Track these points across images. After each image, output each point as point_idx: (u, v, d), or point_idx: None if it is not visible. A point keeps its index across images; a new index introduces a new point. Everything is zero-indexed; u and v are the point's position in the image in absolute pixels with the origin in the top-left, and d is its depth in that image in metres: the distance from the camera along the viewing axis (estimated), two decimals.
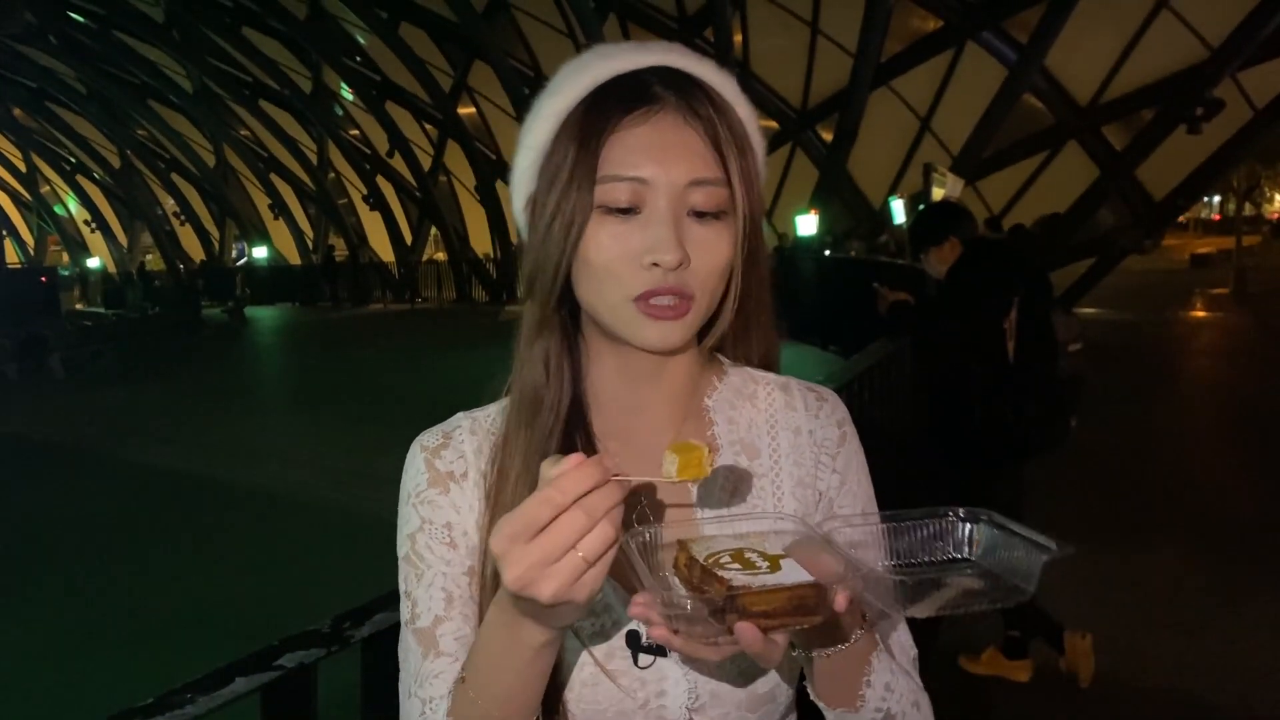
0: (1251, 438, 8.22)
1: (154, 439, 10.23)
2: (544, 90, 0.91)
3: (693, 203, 0.84)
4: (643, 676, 0.89)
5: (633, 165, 0.83)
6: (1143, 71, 13.89)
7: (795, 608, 0.70)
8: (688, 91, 0.86)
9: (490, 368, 0.99)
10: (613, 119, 0.84)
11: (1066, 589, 4.20)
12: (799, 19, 16.30)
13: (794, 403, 0.99)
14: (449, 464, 0.94)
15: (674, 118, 0.85)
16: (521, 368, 0.93)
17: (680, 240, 0.83)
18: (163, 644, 4.94)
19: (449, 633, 0.89)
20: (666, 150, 0.84)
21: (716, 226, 0.85)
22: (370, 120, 25.30)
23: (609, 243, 0.84)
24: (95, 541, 6.91)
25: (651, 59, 0.88)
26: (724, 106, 0.88)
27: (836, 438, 0.98)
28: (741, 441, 0.96)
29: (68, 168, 39.58)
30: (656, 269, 0.83)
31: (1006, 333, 3.72)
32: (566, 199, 0.84)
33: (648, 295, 0.83)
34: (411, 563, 0.92)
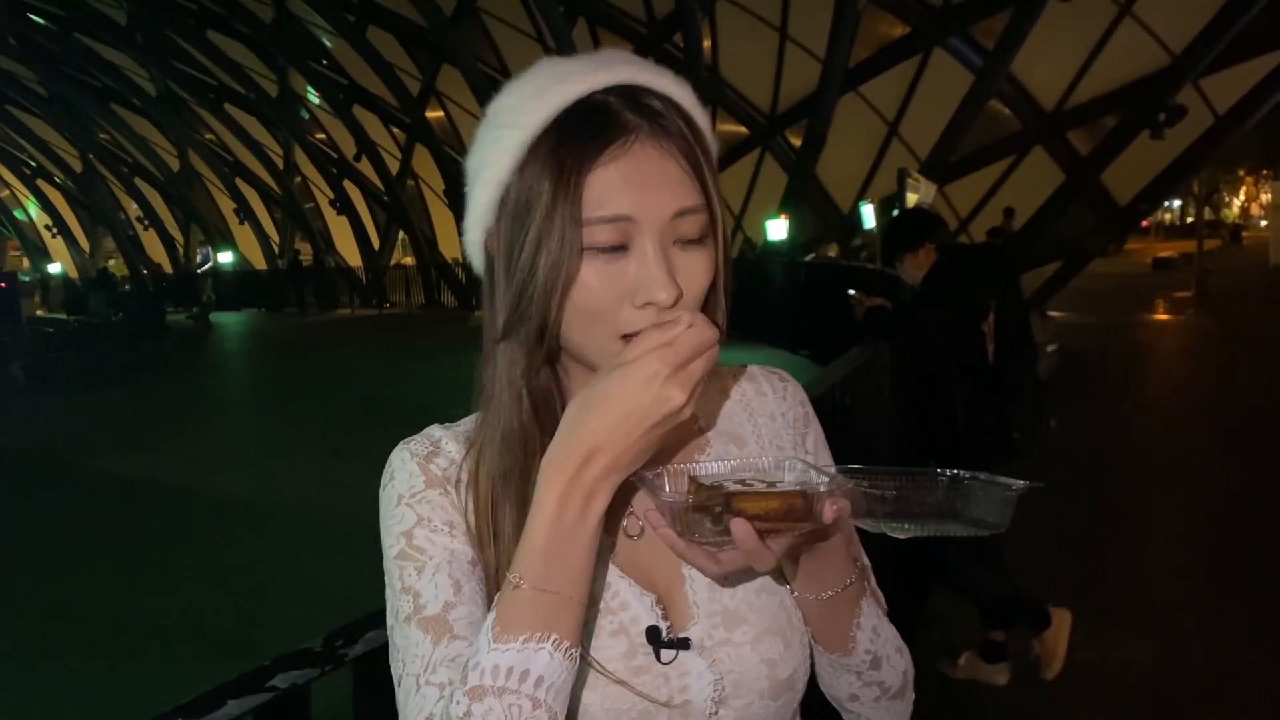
0: (1221, 438, 8.33)
1: (118, 447, 10.09)
2: (492, 116, 0.87)
3: (679, 233, 0.83)
4: (665, 672, 0.87)
5: (616, 204, 0.80)
6: (1107, 78, 14.05)
7: (786, 512, 0.77)
8: (656, 114, 0.84)
9: (460, 373, 0.97)
10: (588, 155, 0.81)
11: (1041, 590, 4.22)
12: (768, 24, 16.35)
13: (763, 389, 1.03)
14: (443, 470, 0.91)
15: (650, 147, 0.82)
16: (503, 410, 0.89)
17: (672, 275, 0.81)
18: (137, 656, 4.86)
19: (462, 617, 0.85)
20: (649, 183, 0.81)
21: (700, 252, 0.84)
22: (337, 124, 25.12)
23: (597, 284, 0.81)
24: (60, 552, 6.79)
25: (609, 77, 0.85)
26: (691, 122, 0.86)
27: (802, 416, 1.03)
28: (728, 432, 1.00)
29: (28, 172, 39.02)
30: (650, 308, 0.81)
31: (986, 336, 3.74)
32: (549, 241, 0.81)
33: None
34: (409, 557, 0.87)
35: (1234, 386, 10.64)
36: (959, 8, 14.38)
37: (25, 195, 42.30)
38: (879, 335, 4.53)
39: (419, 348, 17.94)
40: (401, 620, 0.86)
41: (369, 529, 0.94)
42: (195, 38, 24.19)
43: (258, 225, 30.98)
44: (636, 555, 0.91)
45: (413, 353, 16.97)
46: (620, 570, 0.90)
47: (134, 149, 31.21)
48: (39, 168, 37.87)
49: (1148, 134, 13.24)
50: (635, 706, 0.87)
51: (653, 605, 0.88)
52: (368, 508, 0.95)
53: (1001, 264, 4.12)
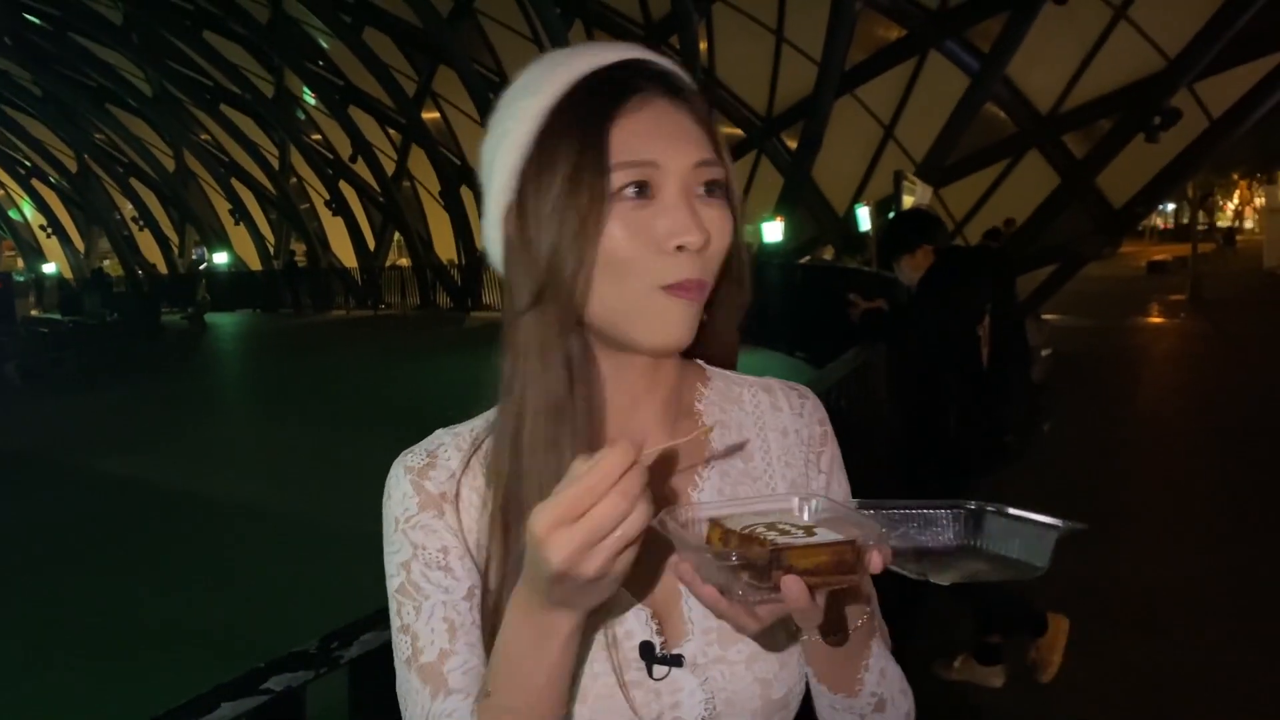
0: (1216, 441, 8.35)
1: (113, 448, 10.07)
2: (512, 92, 0.88)
3: (701, 183, 0.84)
4: (658, 688, 0.86)
5: (641, 150, 0.82)
6: (1102, 81, 14.08)
7: (836, 564, 0.72)
8: (668, 79, 0.87)
9: (455, 374, 0.96)
10: (611, 108, 0.83)
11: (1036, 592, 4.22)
12: (764, 27, 16.37)
13: (779, 403, 0.99)
14: (439, 485, 0.89)
15: (665, 103, 0.85)
16: (527, 383, 0.85)
17: (700, 220, 0.82)
18: (131, 657, 4.85)
19: (456, 667, 0.85)
20: (670, 133, 0.83)
21: (721, 206, 0.85)
22: (333, 125, 25.11)
23: (627, 233, 0.81)
24: (55, 553, 6.77)
25: (617, 54, 0.87)
26: (701, 97, 0.89)
27: (820, 436, 0.99)
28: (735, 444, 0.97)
29: (23, 172, 38.96)
30: (681, 255, 0.81)
31: (981, 339, 3.75)
32: (578, 195, 0.81)
33: (676, 287, 0.82)
34: (408, 594, 0.87)
35: (1228, 389, 10.66)
36: (955, 11, 14.40)
37: (20, 195, 42.22)
38: (876, 338, 4.54)
39: (414, 349, 17.94)
40: (403, 661, 0.87)
41: (364, 530, 0.94)
42: (191, 38, 24.17)
43: (253, 226, 30.94)
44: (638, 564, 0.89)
45: (408, 354, 16.96)
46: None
47: (129, 149, 31.17)
48: (34, 168, 37.81)
49: (1143, 137, 13.27)
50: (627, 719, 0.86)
51: (648, 620, 0.87)
52: (362, 508, 0.95)
53: (998, 267, 4.12)
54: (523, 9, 18.00)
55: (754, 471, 0.95)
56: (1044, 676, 3.83)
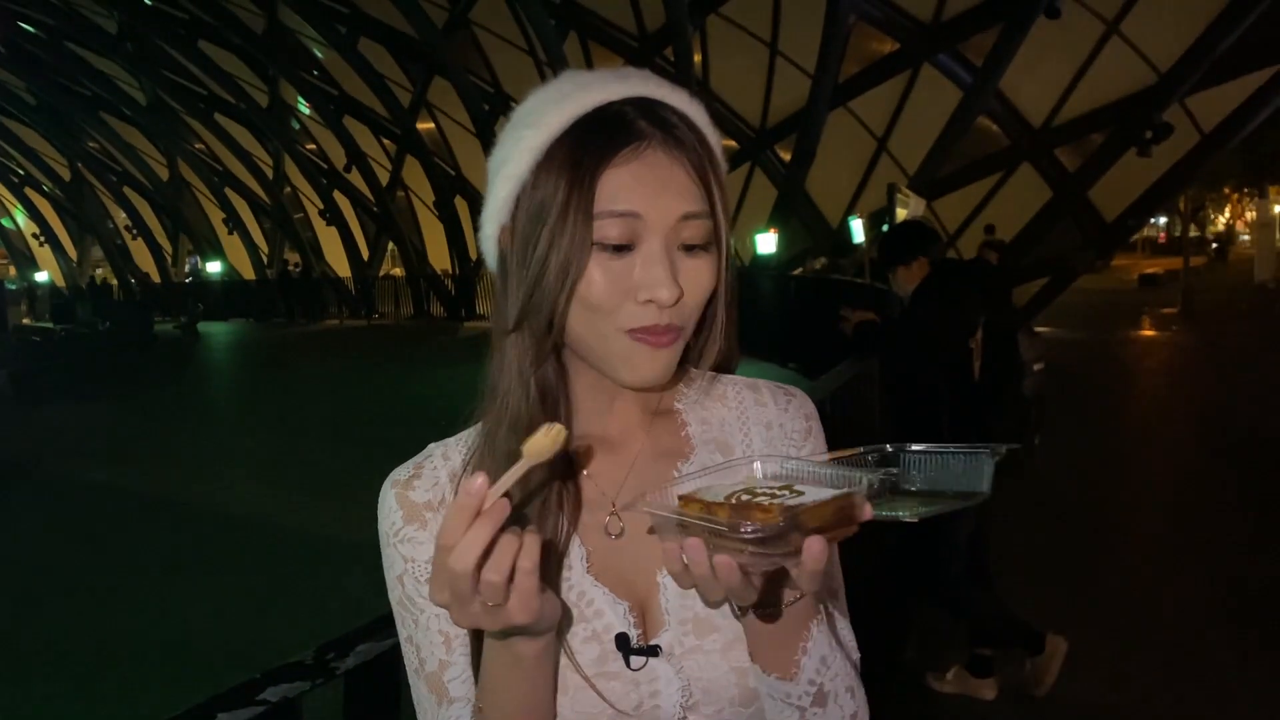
0: (1208, 454, 8.37)
1: (104, 457, 10.04)
2: (517, 118, 0.90)
3: (684, 237, 0.86)
4: (636, 678, 0.88)
5: (626, 201, 0.84)
6: (1094, 95, 14.15)
7: (842, 518, 0.72)
8: (670, 125, 0.87)
9: (448, 384, 0.98)
10: (604, 155, 0.84)
11: (1029, 606, 4.23)
12: (758, 39, 16.42)
13: (763, 399, 1.01)
14: (424, 494, 0.93)
15: (661, 153, 0.86)
16: (507, 397, 0.90)
17: (675, 276, 0.85)
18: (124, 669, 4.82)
19: (455, 677, 0.90)
20: (658, 185, 0.85)
21: (704, 258, 0.88)
22: (327, 135, 25.11)
23: (603, 280, 0.85)
24: (44, 561, 6.74)
25: (627, 89, 0.89)
26: (702, 137, 0.89)
27: (803, 430, 1.00)
28: (715, 440, 0.98)
29: (16, 180, 38.86)
30: (651, 305, 0.84)
31: (973, 352, 3.76)
32: (561, 236, 0.84)
33: (641, 331, 0.85)
34: (406, 607, 0.92)
35: (1220, 402, 10.69)
36: (948, 25, 14.47)
37: (13, 203, 42.10)
38: (869, 349, 4.55)
39: (407, 359, 17.93)
40: (412, 671, 0.93)
41: (356, 540, 0.96)
42: (186, 47, 24.17)
43: (247, 235, 30.89)
44: (614, 558, 0.92)
45: (401, 364, 16.95)
46: (595, 577, 0.91)
47: (123, 158, 31.12)
48: (27, 176, 37.72)
49: (1134, 151, 13.33)
50: (605, 712, 0.88)
51: (626, 613, 0.89)
52: (354, 519, 0.95)
53: (992, 280, 4.14)
54: (518, 21, 18.04)
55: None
56: (1037, 692, 3.84)
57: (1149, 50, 13.25)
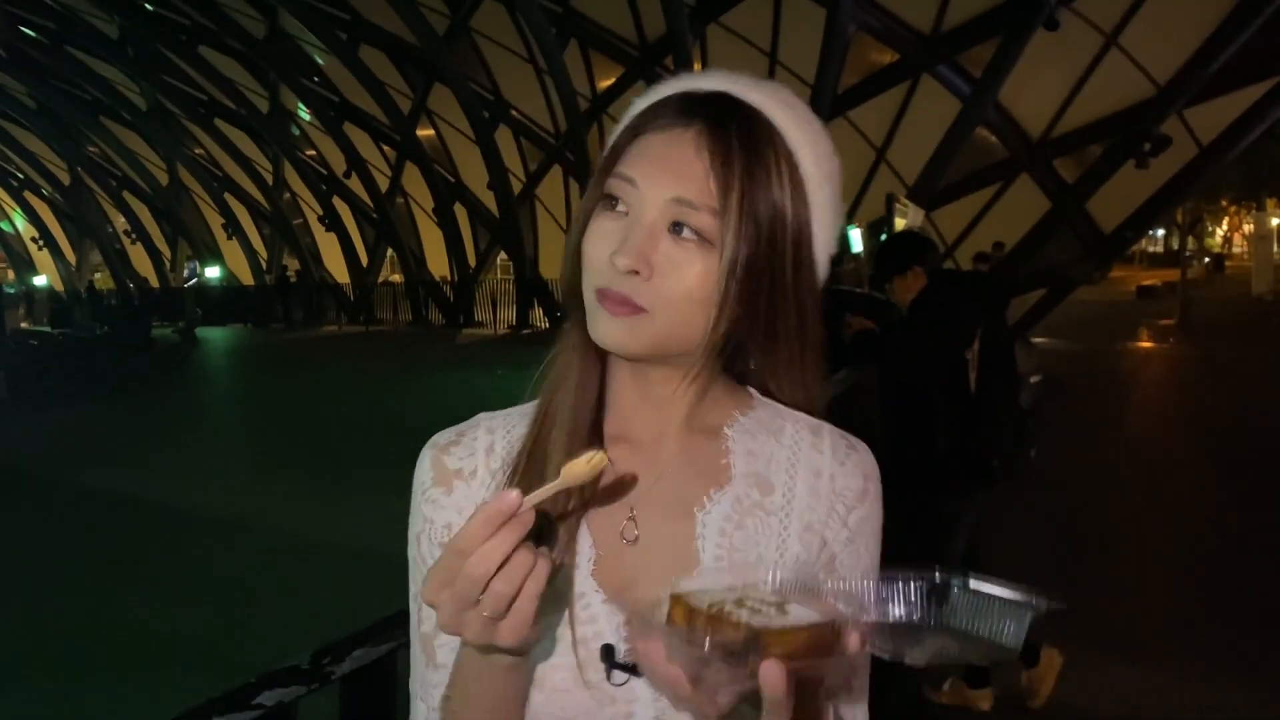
0: (1205, 465, 8.38)
1: (101, 461, 10.01)
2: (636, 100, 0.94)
3: (675, 217, 0.84)
4: (614, 693, 0.87)
5: (632, 165, 0.86)
6: (1093, 107, 14.20)
7: (815, 646, 0.68)
8: (723, 120, 0.85)
9: (446, 391, 0.98)
10: (644, 125, 0.88)
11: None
12: (758, 49, 16.47)
13: (821, 445, 0.95)
14: (458, 461, 0.94)
15: (691, 138, 0.85)
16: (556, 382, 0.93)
17: (643, 250, 0.83)
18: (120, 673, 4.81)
19: (445, 644, 0.90)
20: (665, 161, 0.85)
21: (691, 250, 0.83)
22: (327, 141, 25.15)
23: (594, 234, 0.87)
24: (40, 566, 6.73)
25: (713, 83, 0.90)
26: (760, 143, 0.85)
27: (858, 490, 0.94)
28: (757, 475, 0.93)
29: (15, 184, 38.90)
30: (614, 268, 0.83)
31: (969, 363, 3.76)
32: (590, 188, 0.89)
33: (602, 291, 0.85)
34: (417, 565, 0.93)
35: (1217, 414, 10.69)
36: (947, 36, 14.52)
37: (12, 207, 42.12)
38: (866, 358, 4.55)
39: (405, 365, 17.92)
40: (412, 628, 0.94)
41: (352, 546, 0.96)
42: (187, 52, 24.23)
43: (246, 241, 30.91)
44: (623, 564, 0.90)
45: (399, 370, 16.94)
46: (597, 582, 0.89)
47: (123, 162, 31.14)
48: (26, 180, 37.75)
49: (1133, 163, 13.38)
50: (579, 718, 0.87)
51: (619, 626, 0.87)
52: (351, 524, 0.96)
53: (989, 291, 4.15)
54: (518, 28, 18.10)
55: (769, 505, 0.92)
56: (1034, 703, 3.84)
57: (1147, 63, 13.31)
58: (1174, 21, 12.73)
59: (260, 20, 22.17)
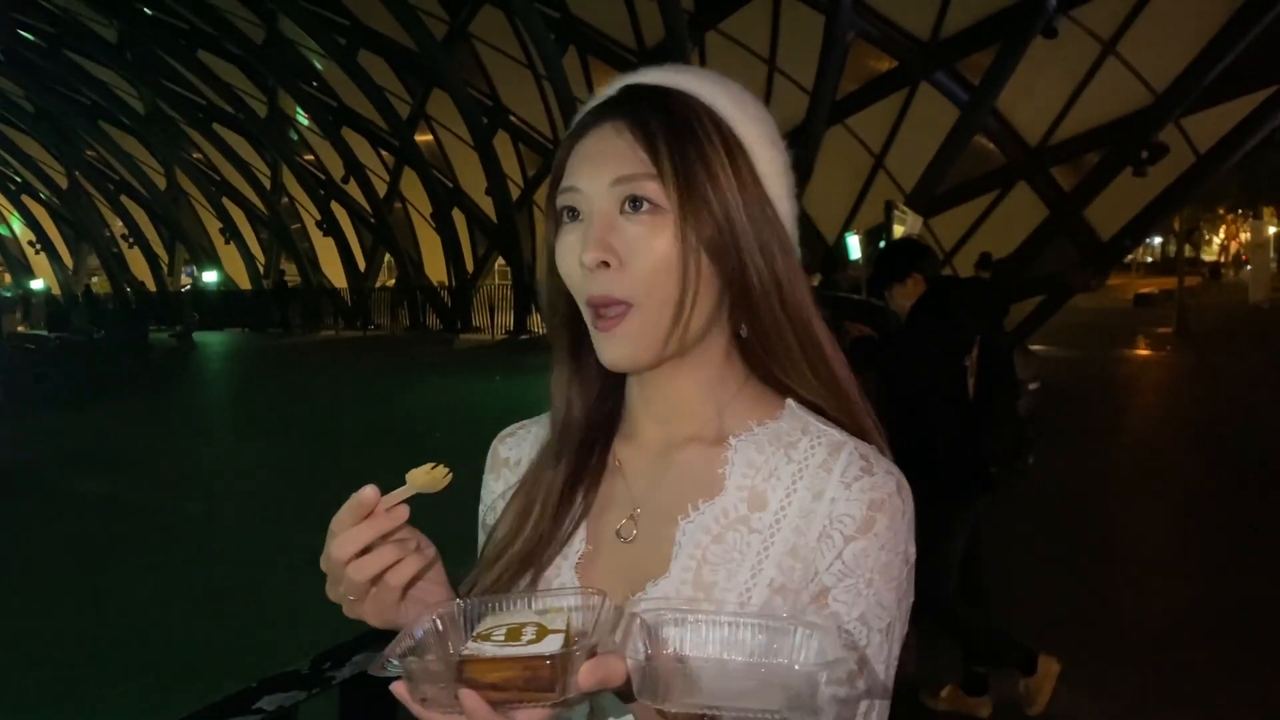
0: (1202, 473, 8.38)
1: (97, 466, 9.99)
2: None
3: (622, 196, 0.83)
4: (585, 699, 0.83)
5: (571, 175, 0.86)
6: (1090, 115, 14.25)
7: (527, 682, 0.66)
8: (637, 101, 0.87)
9: (443, 396, 0.99)
10: (570, 140, 0.89)
11: (1021, 623, 4.22)
12: (756, 56, 16.50)
13: (832, 464, 0.86)
14: (507, 451, 1.03)
15: (610, 125, 0.86)
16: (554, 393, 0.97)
17: (604, 239, 0.82)
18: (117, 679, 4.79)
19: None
20: (595, 155, 0.86)
21: (649, 221, 0.82)
22: (326, 146, 25.16)
23: (561, 252, 0.87)
24: (35, 571, 6.71)
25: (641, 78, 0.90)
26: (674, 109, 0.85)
27: (859, 520, 0.83)
28: (752, 489, 0.88)
29: (13, 187, 38.91)
30: (595, 272, 0.83)
31: (968, 370, 3.76)
32: (546, 222, 0.91)
33: (591, 303, 0.84)
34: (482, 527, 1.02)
35: (1215, 422, 10.70)
36: (946, 43, 14.56)
37: (9, 211, 42.14)
38: (865, 365, 4.55)
39: (403, 370, 17.90)
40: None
41: None
42: (185, 57, 24.23)
43: (243, 245, 30.92)
44: (610, 563, 0.90)
45: (396, 375, 16.92)
46: (578, 576, 0.90)
47: (121, 166, 31.15)
48: (24, 183, 37.75)
49: (1130, 171, 13.41)
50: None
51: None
52: None
53: (988, 298, 4.15)
54: (517, 34, 18.13)
55: (755, 522, 0.86)
56: (1032, 710, 3.83)
57: (1145, 71, 13.34)
58: (1171, 30, 12.77)
59: (259, 25, 22.19)
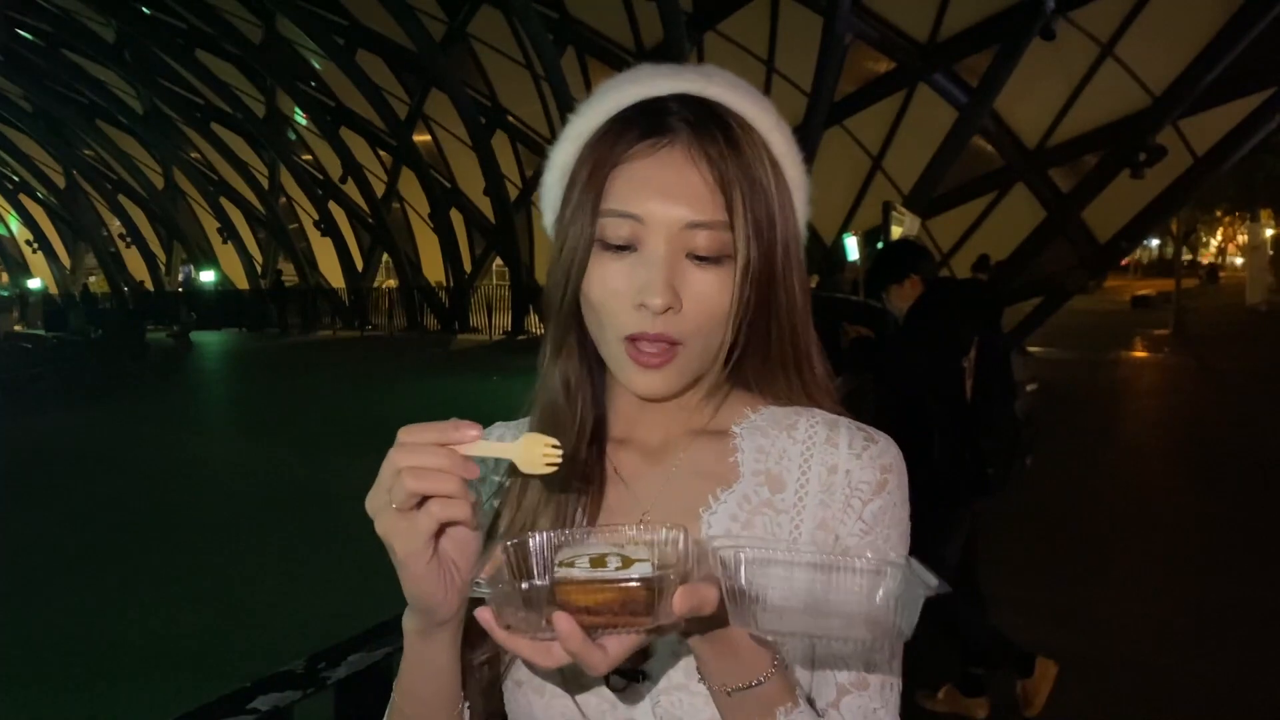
0: (1200, 475, 8.39)
1: (95, 465, 9.98)
2: (578, 108, 0.91)
3: (692, 246, 0.82)
4: (614, 700, 0.86)
5: (631, 201, 0.82)
6: (1088, 117, 14.24)
7: (623, 605, 0.65)
8: (704, 125, 0.84)
9: (441, 396, 0.98)
10: (619, 149, 0.83)
11: (1018, 625, 4.23)
12: (755, 57, 16.49)
13: (836, 439, 0.90)
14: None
15: (681, 153, 0.83)
16: (542, 386, 0.92)
17: (671, 283, 0.81)
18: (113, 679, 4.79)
19: None
20: (667, 188, 0.82)
21: (716, 271, 0.83)
22: (324, 145, 25.14)
23: (604, 280, 0.84)
24: (31, 570, 6.69)
25: (678, 84, 0.87)
26: (742, 141, 0.84)
27: (874, 483, 0.88)
28: (768, 472, 0.90)
29: (10, 186, 38.87)
30: (645, 311, 0.81)
31: (965, 371, 3.76)
32: (574, 228, 0.84)
33: (635, 338, 0.83)
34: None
35: (1212, 424, 10.71)
36: (944, 45, 14.56)
37: (7, 210, 42.09)
38: (863, 366, 4.55)
39: (400, 371, 17.88)
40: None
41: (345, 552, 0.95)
42: (183, 56, 24.19)
43: (241, 245, 30.89)
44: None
45: (394, 375, 16.90)
46: None
47: (119, 166, 31.12)
48: (22, 182, 37.71)
49: (1128, 173, 13.41)
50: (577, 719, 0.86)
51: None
52: (344, 530, 0.95)
53: (985, 300, 4.15)
54: (515, 34, 18.11)
55: (779, 504, 0.89)
56: (1028, 712, 3.83)
57: (1143, 73, 13.34)
58: (1170, 33, 12.76)
59: (257, 25, 22.17)
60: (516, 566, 0.71)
